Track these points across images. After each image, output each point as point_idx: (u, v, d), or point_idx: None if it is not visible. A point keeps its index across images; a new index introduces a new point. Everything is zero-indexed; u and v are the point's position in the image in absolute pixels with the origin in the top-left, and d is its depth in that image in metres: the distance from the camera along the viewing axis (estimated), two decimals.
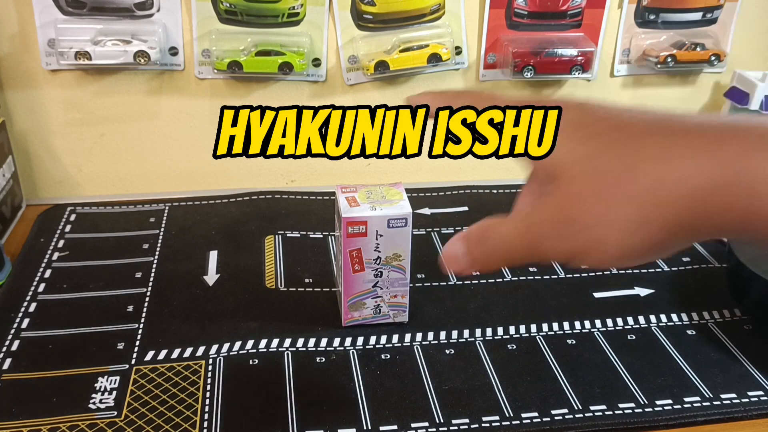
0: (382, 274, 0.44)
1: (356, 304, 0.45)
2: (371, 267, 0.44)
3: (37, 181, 0.63)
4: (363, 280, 0.44)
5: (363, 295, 0.45)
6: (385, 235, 0.42)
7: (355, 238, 0.42)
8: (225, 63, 0.59)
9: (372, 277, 0.44)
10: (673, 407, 0.41)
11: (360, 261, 0.43)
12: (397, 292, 0.45)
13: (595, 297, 0.51)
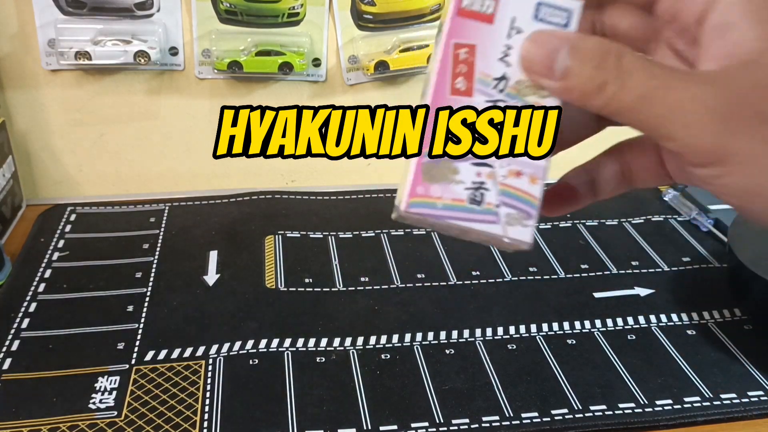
0: (504, 114, 0.23)
1: (441, 169, 0.23)
2: (486, 92, 0.23)
3: (37, 181, 0.63)
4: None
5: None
6: (526, 32, 0.23)
7: (470, 23, 0.23)
8: (225, 63, 0.59)
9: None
10: (673, 407, 0.41)
11: (469, 73, 0.23)
12: (525, 165, 0.23)
13: (595, 297, 0.51)
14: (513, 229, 0.23)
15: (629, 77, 0.20)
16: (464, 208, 0.23)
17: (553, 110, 0.23)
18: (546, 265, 0.54)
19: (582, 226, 0.59)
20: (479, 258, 0.55)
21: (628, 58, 0.20)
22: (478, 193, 0.23)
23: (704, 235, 0.59)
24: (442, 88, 0.23)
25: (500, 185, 0.23)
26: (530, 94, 0.23)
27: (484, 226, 0.23)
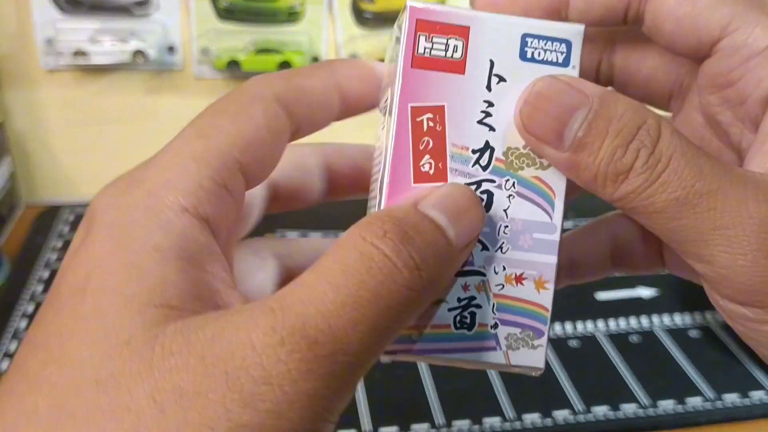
0: (491, 199, 0.18)
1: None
2: (465, 172, 0.17)
3: (35, 182, 0.63)
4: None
5: None
6: (512, 79, 0.17)
7: (431, 76, 0.17)
8: (224, 62, 0.58)
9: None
10: (675, 408, 0.41)
11: (438, 149, 0.17)
12: (528, 265, 0.18)
13: (597, 298, 0.51)
14: (518, 354, 0.18)
15: (666, 169, 0.15)
16: (450, 337, 0.17)
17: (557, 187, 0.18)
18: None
19: None
20: None
21: (667, 139, 0.15)
22: (467, 314, 0.17)
23: None
24: (402, 176, 0.17)
25: (495, 298, 0.17)
26: (525, 166, 0.17)
27: (480, 356, 0.17)
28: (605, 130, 0.15)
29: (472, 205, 0.16)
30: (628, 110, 0.16)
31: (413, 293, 0.14)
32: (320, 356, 0.13)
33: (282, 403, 0.12)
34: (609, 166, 0.15)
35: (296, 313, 0.13)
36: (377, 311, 0.13)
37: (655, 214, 0.15)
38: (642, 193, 0.15)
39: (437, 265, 0.15)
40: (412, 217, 0.15)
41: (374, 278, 0.13)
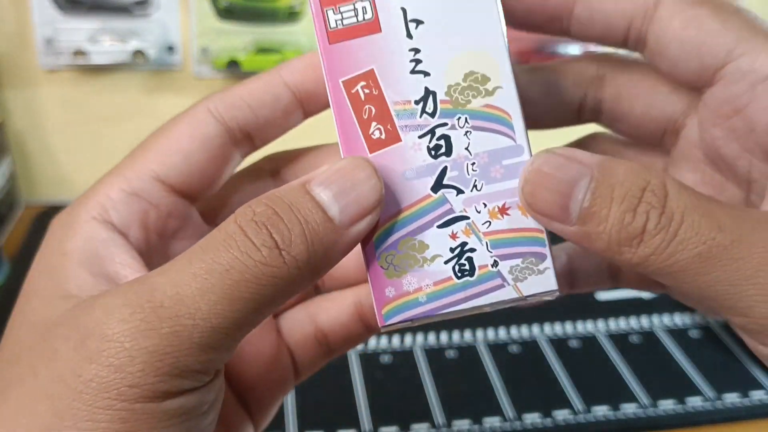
0: (450, 142, 0.17)
1: (403, 253, 0.17)
2: (415, 125, 0.17)
3: (35, 181, 0.63)
4: (402, 170, 0.17)
5: (413, 218, 0.17)
6: (429, 18, 0.17)
7: (351, 45, 0.17)
8: (224, 61, 0.58)
9: (426, 155, 0.17)
10: (675, 408, 0.41)
11: (382, 112, 0.17)
12: (507, 194, 0.17)
13: (597, 298, 0.51)
14: (527, 283, 0.17)
15: (681, 226, 0.14)
16: (456, 288, 0.17)
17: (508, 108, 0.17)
18: None
19: None
20: None
21: (675, 196, 0.15)
22: (465, 260, 0.17)
23: None
24: (356, 149, 0.17)
25: (486, 236, 0.17)
26: (471, 98, 0.17)
27: (491, 297, 0.17)
28: (610, 197, 0.15)
29: (363, 179, 0.16)
30: (630, 173, 0.15)
31: (275, 271, 0.15)
32: (163, 317, 0.14)
33: (123, 358, 0.14)
34: (621, 232, 0.15)
35: (150, 281, 0.15)
36: (231, 284, 0.14)
37: (680, 272, 0.15)
38: (662, 254, 0.15)
39: (306, 244, 0.15)
40: (292, 197, 0.15)
41: (229, 254, 0.15)
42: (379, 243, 0.17)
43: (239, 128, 0.19)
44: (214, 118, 0.19)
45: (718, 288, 0.15)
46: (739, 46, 0.17)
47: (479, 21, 0.17)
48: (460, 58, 0.17)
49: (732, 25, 0.17)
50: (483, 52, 0.17)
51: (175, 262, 0.15)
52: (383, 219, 0.17)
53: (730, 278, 0.14)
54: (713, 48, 0.17)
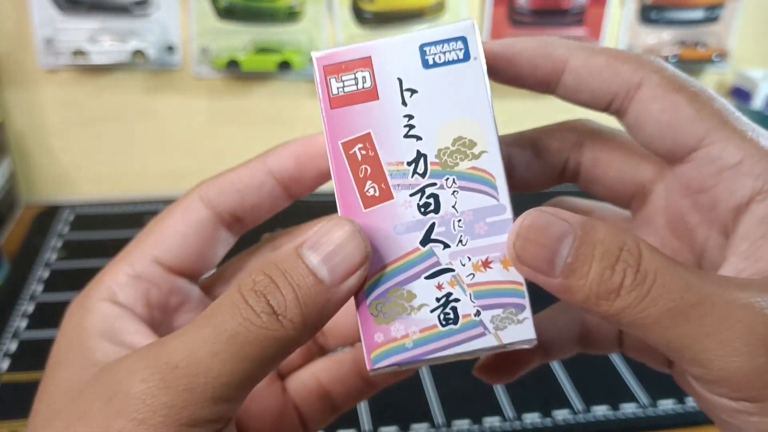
0: (438, 201, 0.19)
1: (392, 302, 0.19)
2: (407, 184, 0.19)
3: (35, 181, 0.63)
4: (393, 225, 0.19)
5: (402, 269, 0.19)
6: (422, 88, 0.19)
7: (351, 110, 0.19)
8: (223, 61, 0.58)
9: (416, 212, 0.19)
10: (675, 408, 0.41)
11: (377, 172, 0.19)
12: (489, 249, 0.19)
13: None
14: (506, 332, 0.18)
15: (654, 284, 0.16)
16: (440, 335, 0.18)
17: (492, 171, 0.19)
18: None
19: None
20: None
21: (648, 257, 0.16)
22: (449, 309, 0.18)
23: None
24: (352, 206, 0.18)
25: (470, 288, 0.18)
26: (459, 161, 0.18)
27: (473, 344, 0.18)
28: (591, 255, 0.17)
29: (348, 239, 0.17)
30: (609, 234, 0.17)
31: (276, 334, 0.17)
32: (180, 377, 0.16)
33: (146, 413, 0.16)
34: (600, 286, 0.16)
35: (167, 345, 0.17)
36: (237, 346, 0.16)
37: (651, 325, 0.16)
38: (636, 308, 0.16)
39: (300, 308, 0.17)
40: (286, 263, 0.17)
41: (234, 320, 0.17)
42: (369, 291, 0.18)
43: (228, 213, 0.22)
44: (205, 204, 0.21)
45: (683, 341, 0.16)
46: (709, 134, 0.19)
47: (468, 91, 0.18)
48: (449, 124, 0.18)
49: (705, 114, 0.19)
50: (471, 119, 0.18)
51: (188, 328, 0.17)
52: (375, 269, 0.18)
53: (694, 333, 0.16)
54: (687, 134, 0.19)
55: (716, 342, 0.16)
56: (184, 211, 0.21)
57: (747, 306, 0.16)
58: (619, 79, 0.19)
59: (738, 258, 0.18)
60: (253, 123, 0.64)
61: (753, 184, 0.18)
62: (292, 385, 0.25)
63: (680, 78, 0.19)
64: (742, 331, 0.16)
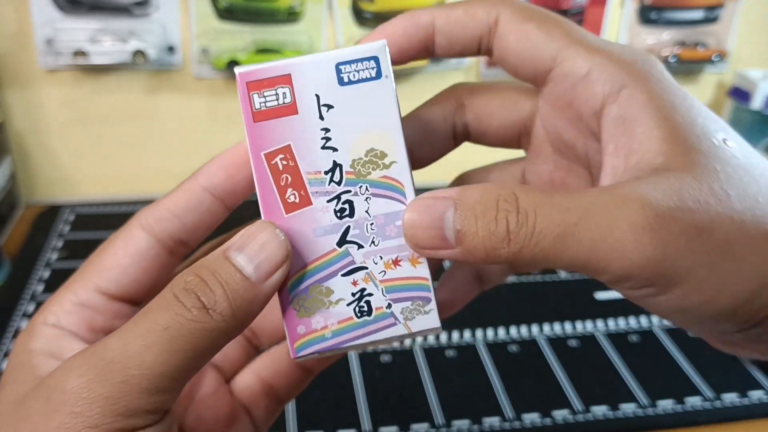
0: (353, 206, 0.20)
1: (312, 297, 0.21)
2: (324, 191, 0.20)
3: (35, 181, 0.63)
4: (312, 228, 0.20)
5: (321, 268, 0.20)
6: (338, 104, 0.20)
7: (272, 124, 0.20)
8: (224, 61, 0.58)
9: (333, 216, 0.20)
10: (674, 408, 0.41)
11: (297, 180, 0.20)
12: (399, 249, 0.21)
13: (596, 298, 0.51)
14: (415, 322, 0.21)
15: (536, 219, 0.18)
16: (356, 326, 0.20)
17: (401, 178, 0.20)
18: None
19: None
20: None
21: (523, 197, 0.18)
22: (364, 303, 0.20)
23: None
24: (275, 211, 0.20)
25: (382, 283, 0.20)
26: (371, 170, 0.20)
27: (385, 333, 0.21)
28: (473, 216, 0.18)
29: (270, 240, 0.19)
30: (483, 193, 0.18)
31: (207, 326, 0.18)
32: (115, 370, 0.17)
33: (83, 406, 0.17)
34: (491, 239, 0.18)
35: (102, 344, 0.18)
36: (169, 338, 0.18)
37: (549, 256, 0.18)
38: (529, 245, 0.18)
39: (229, 302, 0.18)
40: (215, 264, 0.19)
41: (167, 315, 0.18)
42: (291, 288, 0.20)
43: (170, 238, 0.23)
44: (146, 232, 0.22)
45: (580, 259, 0.17)
46: (560, 53, 0.21)
47: (379, 107, 0.20)
48: (363, 136, 0.20)
49: (555, 36, 0.21)
50: (382, 132, 0.20)
51: (124, 327, 0.18)
52: (296, 269, 0.20)
53: (586, 248, 0.17)
54: (542, 57, 0.21)
55: (607, 248, 0.17)
56: (125, 240, 0.22)
57: (621, 204, 0.17)
58: (477, 22, 0.22)
59: (611, 158, 0.20)
60: None
61: (602, 89, 0.20)
62: (238, 387, 0.26)
63: (530, 8, 0.22)
64: (623, 229, 0.17)
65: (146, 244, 0.22)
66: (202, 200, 0.23)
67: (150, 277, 0.23)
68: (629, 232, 0.17)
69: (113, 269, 0.22)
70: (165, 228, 0.22)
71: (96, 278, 0.22)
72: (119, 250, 0.22)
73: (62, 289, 0.22)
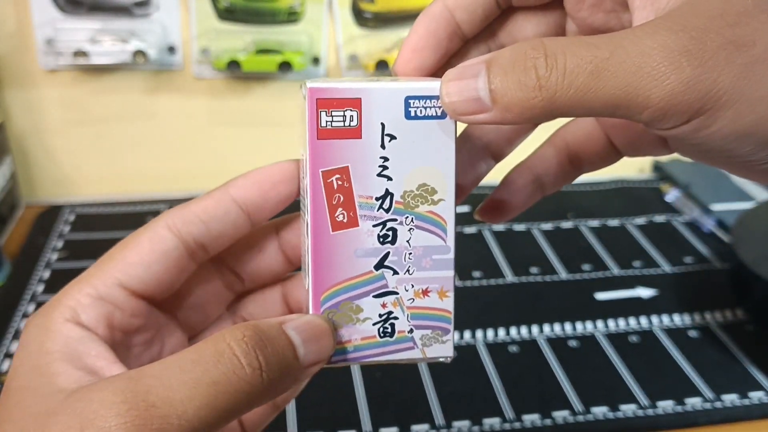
0: (396, 234, 0.21)
1: (343, 312, 0.22)
2: (372, 216, 0.21)
3: (35, 181, 0.63)
4: (354, 248, 0.21)
5: (355, 287, 0.22)
6: (401, 136, 0.21)
7: (335, 144, 0.20)
8: (224, 62, 0.58)
9: (375, 240, 0.21)
10: (674, 409, 0.41)
11: (348, 201, 0.21)
12: (430, 281, 0.22)
13: (596, 299, 0.51)
14: (431, 349, 0.22)
15: (566, 59, 0.17)
16: (377, 344, 0.22)
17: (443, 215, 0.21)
18: (547, 266, 0.54)
19: (584, 227, 0.59)
20: (480, 259, 0.54)
21: (551, 43, 0.17)
22: (388, 325, 0.22)
23: (706, 235, 0.59)
24: (322, 228, 0.21)
25: (408, 309, 0.22)
26: (420, 204, 0.21)
27: (401, 355, 0.22)
28: (504, 72, 0.18)
29: (325, 335, 0.20)
30: (513, 49, 0.18)
31: (252, 387, 0.18)
32: (155, 416, 0.17)
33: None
34: (524, 90, 0.17)
35: (145, 382, 0.18)
36: (214, 393, 0.18)
37: (584, 96, 0.17)
38: (562, 88, 0.17)
39: (279, 373, 0.19)
40: (272, 331, 0.19)
41: (218, 369, 0.18)
42: (325, 301, 0.22)
43: (194, 241, 0.23)
44: (172, 233, 0.22)
45: (619, 94, 0.17)
46: None
47: (438, 145, 0.21)
48: (417, 170, 0.21)
49: None
50: (436, 169, 0.21)
51: (168, 367, 0.18)
52: (332, 283, 0.21)
53: (622, 80, 0.17)
54: None
55: (644, 77, 0.17)
56: (150, 237, 0.22)
57: (653, 33, 0.17)
58: None
59: (639, 11, 0.19)
60: (254, 124, 0.64)
61: None
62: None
63: None
64: (659, 54, 0.17)
65: (172, 244, 0.22)
66: (230, 211, 0.23)
67: (171, 277, 0.22)
68: (665, 56, 0.16)
69: (137, 265, 0.22)
70: (190, 231, 0.22)
71: (118, 273, 0.21)
72: (144, 246, 0.22)
73: (76, 283, 0.22)
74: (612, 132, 0.24)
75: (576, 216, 0.61)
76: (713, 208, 0.61)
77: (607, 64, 0.17)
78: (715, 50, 0.16)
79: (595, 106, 0.17)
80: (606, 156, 0.25)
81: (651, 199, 0.64)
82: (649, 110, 0.17)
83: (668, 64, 0.16)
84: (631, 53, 0.17)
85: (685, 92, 0.16)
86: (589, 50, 0.17)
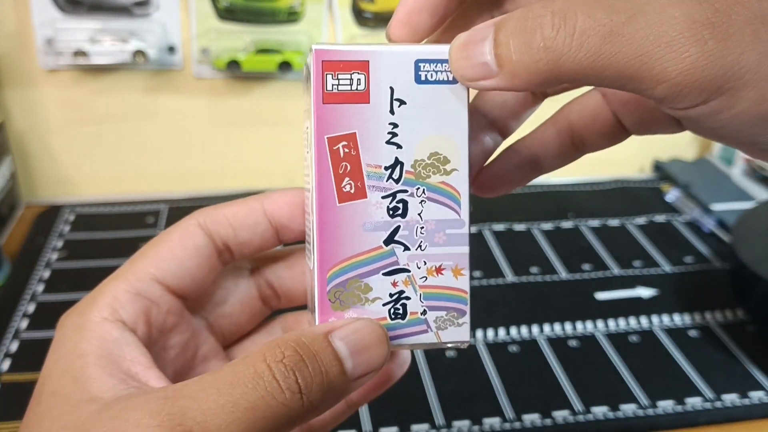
0: (406, 207, 0.20)
1: (350, 292, 0.20)
2: (381, 187, 0.20)
3: (35, 181, 0.63)
4: (362, 222, 0.20)
5: (364, 263, 0.20)
6: (411, 101, 0.20)
7: (341, 108, 0.19)
8: (224, 62, 0.58)
9: (385, 213, 0.20)
10: (675, 408, 0.41)
11: (356, 170, 0.20)
12: (444, 257, 0.20)
13: (596, 298, 0.51)
14: (446, 332, 0.20)
15: (577, 18, 0.16)
16: (387, 327, 0.20)
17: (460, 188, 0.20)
18: (548, 266, 0.54)
19: (584, 227, 0.59)
20: (481, 259, 0.54)
21: (562, 4, 0.16)
22: (399, 305, 0.20)
23: (707, 235, 0.59)
24: (328, 199, 0.19)
25: (421, 289, 0.20)
26: (432, 174, 0.20)
27: (414, 339, 0.20)
28: (508, 36, 0.17)
29: (377, 343, 0.19)
30: (520, 11, 0.17)
31: (292, 411, 0.17)
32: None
33: None
34: (530, 53, 0.16)
35: (181, 404, 0.17)
36: (252, 419, 0.17)
37: (597, 61, 0.16)
38: (571, 48, 0.16)
39: (322, 392, 0.17)
40: (316, 345, 0.18)
41: (256, 393, 0.17)
42: (331, 279, 0.20)
43: (222, 242, 0.23)
44: (203, 231, 0.22)
45: (632, 63, 0.15)
46: None
47: (450, 112, 0.20)
48: (429, 139, 0.20)
49: None
50: (449, 137, 0.20)
51: (205, 388, 0.17)
52: (339, 259, 0.20)
53: (639, 48, 0.15)
54: None
55: (662, 46, 0.15)
56: (182, 235, 0.22)
57: (678, 2, 0.15)
58: None
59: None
60: (254, 123, 0.64)
61: None
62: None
63: None
64: (681, 24, 0.15)
65: (203, 242, 0.22)
66: (260, 222, 0.23)
67: (202, 274, 0.22)
68: (687, 27, 0.15)
69: (171, 260, 0.21)
70: (219, 232, 0.22)
71: (153, 268, 0.21)
72: (175, 243, 0.22)
73: (111, 280, 0.21)
74: (621, 110, 0.23)
75: (576, 216, 0.61)
76: (713, 208, 0.61)
77: (623, 28, 0.15)
78: (741, 25, 0.15)
79: (605, 75, 0.16)
80: (612, 136, 0.23)
81: (651, 199, 0.64)
82: (664, 84, 0.15)
83: (690, 35, 0.15)
84: (651, 20, 0.15)
85: (705, 67, 0.15)
86: (606, 12, 0.15)
